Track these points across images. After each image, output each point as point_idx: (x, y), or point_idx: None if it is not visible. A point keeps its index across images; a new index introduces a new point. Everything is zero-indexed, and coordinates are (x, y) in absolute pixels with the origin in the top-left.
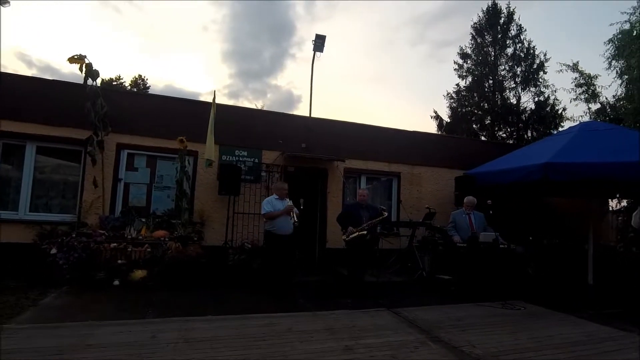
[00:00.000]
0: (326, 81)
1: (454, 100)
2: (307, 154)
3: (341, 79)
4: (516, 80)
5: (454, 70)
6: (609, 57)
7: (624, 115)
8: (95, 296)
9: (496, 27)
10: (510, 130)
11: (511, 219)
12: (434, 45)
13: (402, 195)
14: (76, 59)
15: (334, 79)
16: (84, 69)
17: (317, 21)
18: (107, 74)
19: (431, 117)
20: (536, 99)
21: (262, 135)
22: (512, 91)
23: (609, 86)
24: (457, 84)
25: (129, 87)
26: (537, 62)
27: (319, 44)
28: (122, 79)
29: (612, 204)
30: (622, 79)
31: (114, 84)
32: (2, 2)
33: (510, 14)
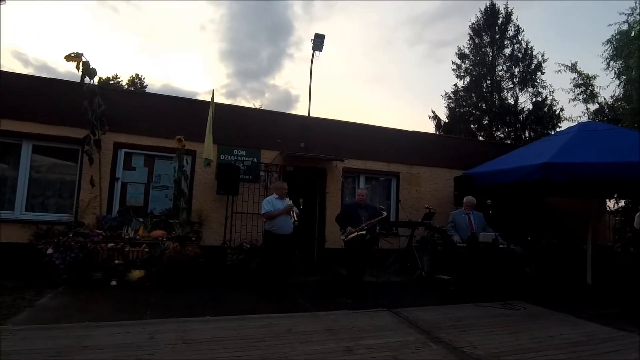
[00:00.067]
0: (324, 81)
1: (452, 100)
2: (306, 153)
3: (339, 79)
4: (514, 80)
5: (452, 70)
6: (607, 58)
7: (622, 115)
8: (92, 297)
9: (494, 28)
10: (508, 130)
11: (510, 219)
12: (432, 45)
13: (401, 195)
14: (73, 57)
15: (332, 79)
16: (80, 67)
17: (315, 21)
18: (104, 73)
19: (429, 117)
20: (534, 100)
21: (261, 134)
22: (510, 91)
23: (607, 87)
24: (455, 84)
25: (126, 87)
26: (535, 62)
27: (318, 43)
28: (119, 78)
29: (610, 204)
30: (620, 80)
31: (111, 83)
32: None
33: (508, 15)
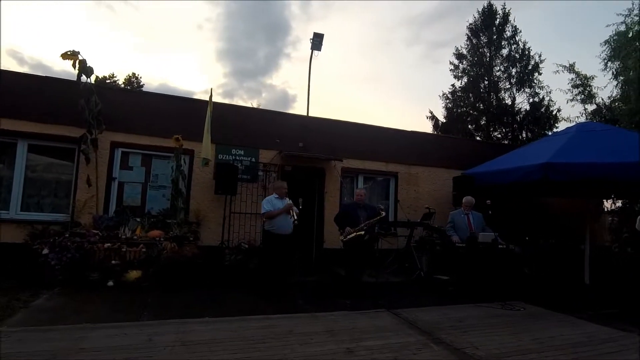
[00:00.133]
0: (322, 81)
1: (450, 100)
2: (304, 153)
3: (337, 79)
4: (511, 81)
5: (450, 70)
6: (605, 59)
7: (619, 116)
8: (88, 297)
9: (492, 28)
10: (505, 130)
11: (510, 219)
12: (429, 45)
13: (399, 195)
14: (69, 55)
15: (330, 79)
16: (77, 66)
17: (313, 21)
18: (100, 72)
19: (427, 118)
20: (531, 100)
21: (259, 134)
22: (507, 92)
23: (604, 87)
24: (453, 85)
25: (123, 86)
26: (532, 63)
27: (317, 42)
28: (115, 77)
29: (607, 204)
30: (618, 80)
31: (108, 82)
32: None
33: (505, 15)
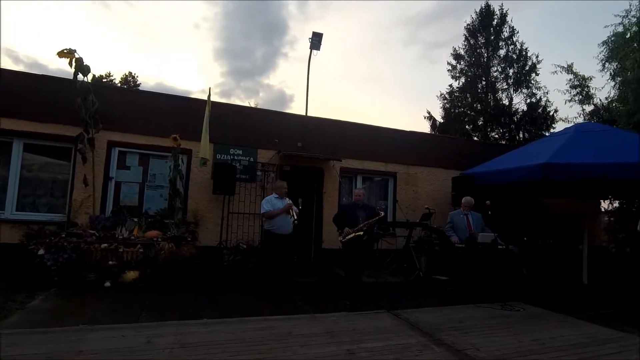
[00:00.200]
0: (320, 80)
1: (447, 101)
2: (303, 153)
3: (334, 79)
4: (508, 81)
5: (448, 71)
6: (603, 59)
7: (617, 116)
8: (85, 299)
9: (489, 29)
10: (502, 131)
11: (509, 219)
12: (426, 46)
13: (398, 195)
14: (66, 53)
15: (327, 78)
16: (73, 64)
17: (310, 20)
18: (96, 71)
19: (424, 118)
20: (528, 101)
21: (258, 133)
22: (505, 92)
23: (602, 88)
24: (450, 85)
25: (119, 85)
26: (530, 64)
27: (316, 41)
28: (112, 76)
29: (604, 204)
30: (616, 81)
31: (104, 81)
32: None
33: (503, 16)
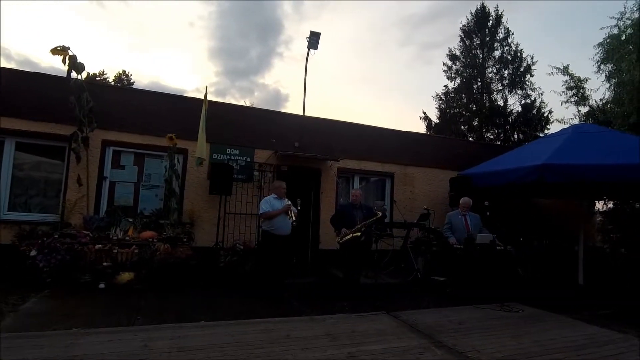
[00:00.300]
0: (315, 80)
1: (443, 101)
2: (300, 153)
3: (330, 78)
4: (503, 82)
5: (443, 71)
6: (598, 61)
7: (612, 118)
8: (79, 301)
9: (484, 30)
10: (497, 132)
11: (506, 220)
12: (421, 47)
13: (395, 195)
14: (59, 50)
15: (323, 78)
16: (67, 61)
17: (305, 20)
18: (90, 69)
19: (420, 118)
20: (523, 102)
21: (255, 133)
22: (500, 93)
23: (597, 89)
24: (446, 86)
25: (113, 83)
26: (524, 65)
27: (314, 41)
28: (105, 74)
29: (599, 205)
30: (610, 83)
31: (97, 79)
32: None
33: (498, 17)
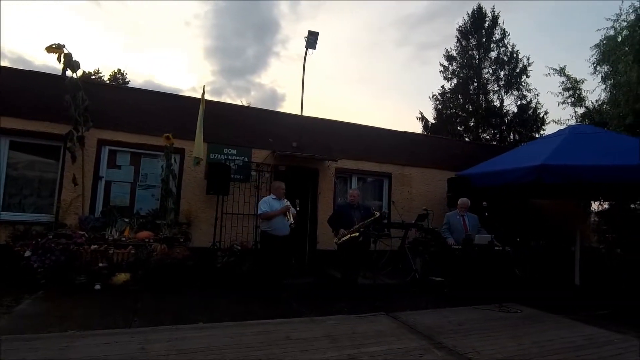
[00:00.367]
0: (312, 79)
1: (440, 102)
2: (298, 153)
3: (327, 78)
4: (499, 83)
5: (440, 72)
6: (594, 62)
7: (608, 119)
8: (75, 302)
9: (481, 31)
10: (493, 132)
11: (504, 220)
12: (417, 47)
13: (393, 195)
14: (54, 48)
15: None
16: (62, 60)
17: (302, 20)
18: (85, 67)
19: (417, 118)
20: (518, 103)
21: (252, 133)
22: (496, 94)
23: (593, 90)
24: (443, 86)
25: (108, 82)
26: (520, 66)
27: (312, 40)
28: (100, 72)
29: (595, 205)
30: (606, 84)
31: (93, 78)
32: None
33: (494, 18)
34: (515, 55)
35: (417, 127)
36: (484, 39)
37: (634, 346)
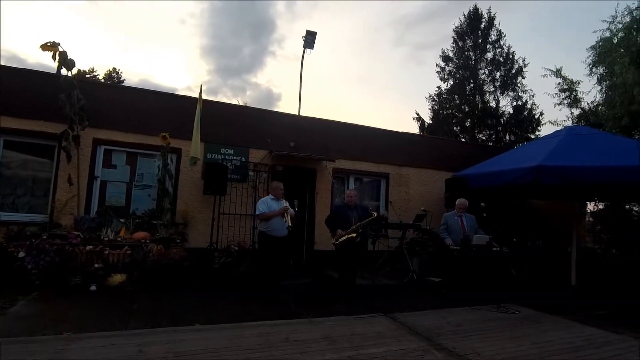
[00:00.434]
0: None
1: (436, 102)
2: (295, 153)
3: (323, 78)
4: (495, 84)
5: (436, 73)
6: (590, 64)
7: (604, 120)
8: (70, 303)
9: (477, 32)
10: (489, 133)
11: (502, 221)
12: (414, 47)
13: (390, 196)
14: (49, 46)
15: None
16: (57, 58)
17: (298, 19)
18: (80, 66)
19: (413, 119)
20: (514, 104)
21: (250, 133)
22: (492, 95)
23: (588, 92)
24: (439, 87)
25: (103, 81)
26: (516, 67)
27: (310, 40)
28: (95, 71)
29: (590, 206)
30: (602, 85)
31: (87, 76)
32: None
33: (490, 19)
34: (511, 56)
35: (414, 128)
36: (480, 40)
37: (633, 347)
